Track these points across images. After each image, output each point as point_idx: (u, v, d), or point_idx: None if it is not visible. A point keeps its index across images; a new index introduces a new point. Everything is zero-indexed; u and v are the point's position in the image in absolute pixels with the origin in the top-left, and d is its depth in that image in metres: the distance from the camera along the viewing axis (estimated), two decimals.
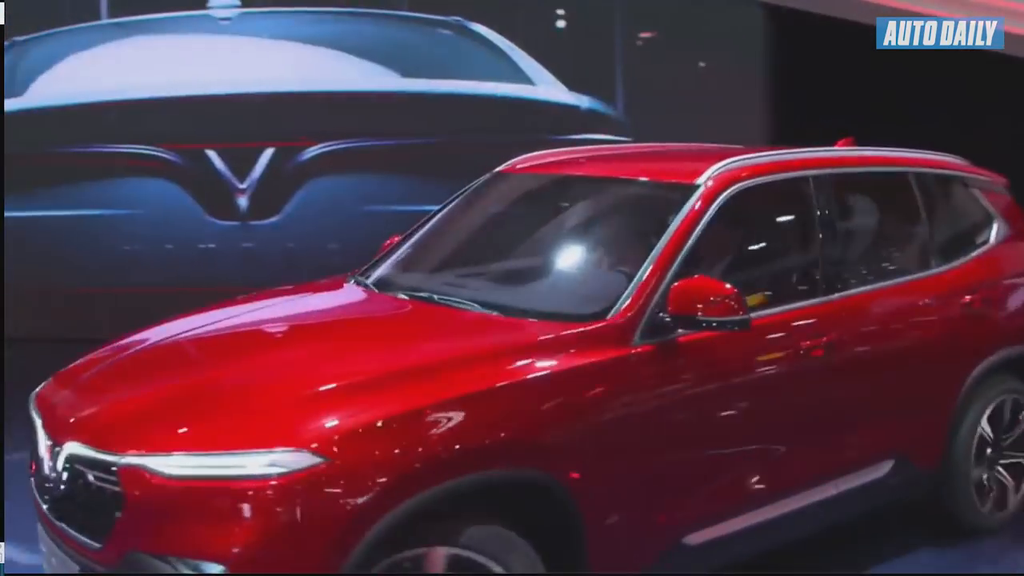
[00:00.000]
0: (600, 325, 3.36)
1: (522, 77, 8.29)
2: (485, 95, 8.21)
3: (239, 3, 8.31)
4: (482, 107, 8.21)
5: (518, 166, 4.55)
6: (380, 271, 4.21)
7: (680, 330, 3.42)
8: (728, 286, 3.37)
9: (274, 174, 8.18)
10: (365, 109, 8.20)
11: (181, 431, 2.90)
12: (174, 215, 8.21)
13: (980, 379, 4.45)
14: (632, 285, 3.46)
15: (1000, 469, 4.58)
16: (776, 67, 8.22)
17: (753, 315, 3.53)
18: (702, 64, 8.51)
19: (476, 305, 3.60)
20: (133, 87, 8.15)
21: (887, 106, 7.27)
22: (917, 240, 4.57)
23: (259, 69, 8.24)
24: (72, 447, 2.99)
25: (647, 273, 3.48)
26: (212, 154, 8.20)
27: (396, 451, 2.83)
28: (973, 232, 4.76)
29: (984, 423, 4.49)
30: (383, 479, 2.78)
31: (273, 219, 8.20)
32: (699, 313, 3.33)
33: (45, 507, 3.15)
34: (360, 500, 2.75)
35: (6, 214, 8.12)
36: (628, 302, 3.41)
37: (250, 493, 2.72)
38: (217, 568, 2.70)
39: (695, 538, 3.57)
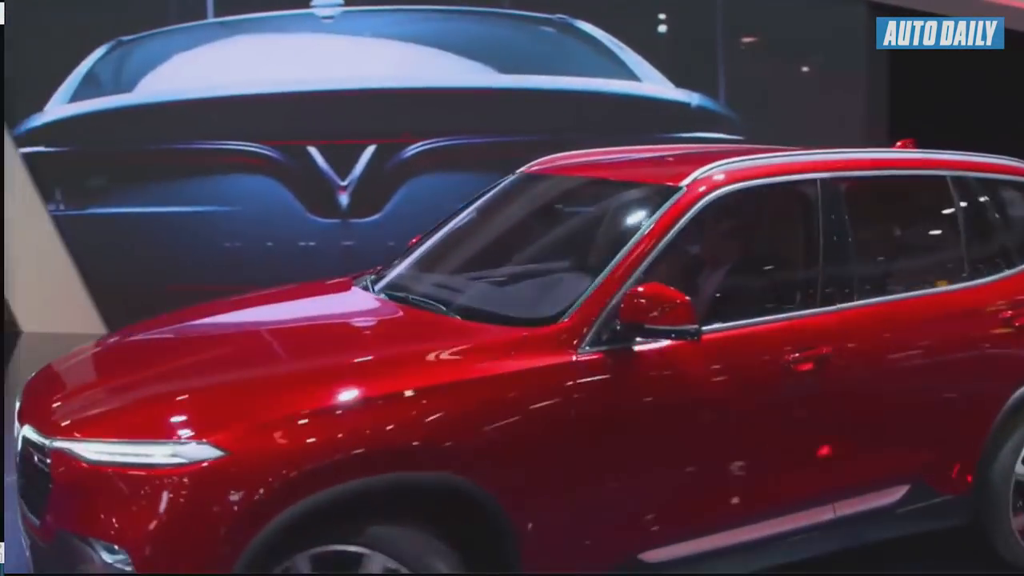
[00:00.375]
0: (545, 330, 3.27)
1: (628, 74, 8.09)
2: (591, 91, 8.02)
3: (342, 2, 8.26)
4: (588, 104, 8.01)
5: (533, 168, 4.50)
6: (388, 270, 4.22)
7: (638, 338, 3.26)
8: (681, 294, 3.20)
9: (375, 171, 8.10)
10: (468, 106, 8.08)
11: (105, 419, 3.05)
12: (275, 212, 8.17)
13: (1020, 402, 4.07)
14: (588, 290, 3.33)
15: None
16: (880, 66, 7.97)
17: (725, 325, 3.45)
18: (805, 65, 8.25)
19: (442, 307, 3.60)
20: (237, 84, 8.16)
21: (995, 106, 7.04)
22: (949, 249, 4.21)
23: (362, 66, 8.17)
24: (26, 430, 3.17)
25: (605, 277, 3.35)
26: (314, 151, 8.15)
27: (298, 448, 2.85)
28: None
29: None
30: (283, 475, 2.81)
31: (374, 217, 8.11)
32: (647, 321, 3.19)
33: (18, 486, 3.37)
34: (258, 494, 2.79)
35: (109, 210, 8.27)
36: (580, 307, 3.30)
37: (153, 481, 2.82)
38: (121, 552, 2.82)
39: (653, 555, 3.40)
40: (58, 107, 8.19)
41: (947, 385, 3.98)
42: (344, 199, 8.16)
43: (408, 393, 3.02)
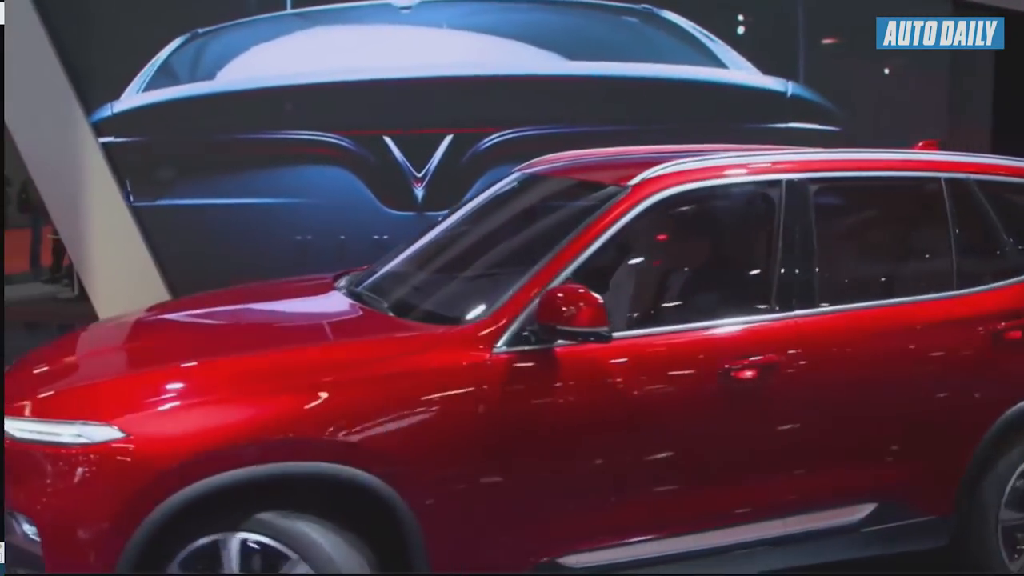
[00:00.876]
0: (465, 329, 3.31)
1: (715, 63, 7.80)
2: (677, 79, 7.75)
3: None
4: (674, 92, 7.74)
5: (525, 168, 4.52)
6: (375, 267, 4.33)
7: (558, 340, 3.26)
8: (592, 295, 3.05)
9: (452, 163, 7.88)
10: (548, 95, 7.82)
11: (36, 399, 3.28)
12: (349, 204, 7.99)
13: (1018, 419, 3.81)
14: (512, 289, 3.38)
15: None
16: (980, 64, 7.71)
17: (657, 330, 3.47)
18: (889, 61, 7.91)
19: (385, 305, 3.74)
20: (310, 73, 8.01)
21: None
22: (936, 257, 3.98)
23: (441, 56, 7.99)
24: None
25: (531, 277, 3.39)
26: (389, 141, 7.95)
27: (193, 434, 3.01)
28: None
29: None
30: (176, 459, 2.97)
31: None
32: (560, 322, 3.19)
33: None
34: (152, 475, 2.96)
35: (182, 202, 8.19)
36: (501, 306, 3.33)
37: (59, 459, 3.03)
38: (32, 526, 3.03)
39: (572, 560, 3.39)
40: (130, 97, 8.13)
41: (921, 402, 3.76)
42: (420, 191, 7.96)
43: (311, 385, 3.12)
